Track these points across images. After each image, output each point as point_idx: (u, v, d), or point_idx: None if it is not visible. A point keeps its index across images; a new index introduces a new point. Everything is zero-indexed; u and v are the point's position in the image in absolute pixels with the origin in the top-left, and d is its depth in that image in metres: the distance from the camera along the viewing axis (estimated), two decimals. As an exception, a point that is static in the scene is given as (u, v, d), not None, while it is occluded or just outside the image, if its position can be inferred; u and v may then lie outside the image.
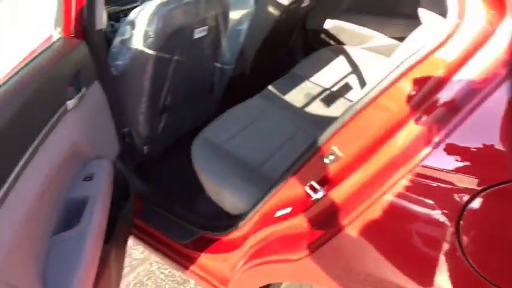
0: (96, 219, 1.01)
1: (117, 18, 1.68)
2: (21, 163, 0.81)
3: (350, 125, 0.86)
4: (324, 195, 0.89)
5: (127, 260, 1.82)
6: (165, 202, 1.57)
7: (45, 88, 0.95)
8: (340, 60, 2.06)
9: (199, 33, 1.52)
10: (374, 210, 0.76)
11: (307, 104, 1.77)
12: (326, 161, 0.91)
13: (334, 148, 0.90)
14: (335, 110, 1.74)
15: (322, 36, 2.51)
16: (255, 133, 1.56)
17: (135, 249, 1.88)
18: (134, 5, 2.06)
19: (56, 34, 1.15)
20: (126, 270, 1.78)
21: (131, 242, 1.86)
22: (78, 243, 0.95)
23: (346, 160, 0.88)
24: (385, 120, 0.79)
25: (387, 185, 0.73)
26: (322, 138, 0.93)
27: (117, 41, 1.35)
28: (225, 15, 1.61)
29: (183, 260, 1.45)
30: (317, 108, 1.76)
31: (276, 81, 1.89)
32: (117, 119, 1.45)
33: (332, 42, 2.51)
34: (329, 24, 2.46)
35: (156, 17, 1.30)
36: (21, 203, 0.80)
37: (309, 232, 0.92)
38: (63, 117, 1.00)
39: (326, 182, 0.92)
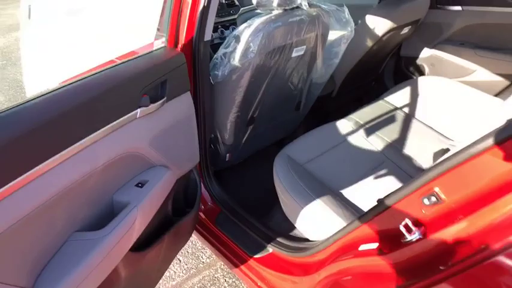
0: (121, 228, 0.96)
1: (214, 28, 1.77)
2: (66, 150, 0.82)
3: (461, 169, 0.80)
4: (420, 239, 0.84)
5: (193, 262, 1.88)
6: (240, 211, 1.60)
7: (120, 90, 0.98)
8: (436, 91, 1.95)
9: (297, 52, 1.54)
10: (481, 271, 0.69)
11: (395, 134, 1.70)
12: (426, 201, 0.85)
13: (437, 189, 0.84)
14: (427, 144, 1.64)
15: (417, 64, 2.40)
16: (339, 157, 1.53)
17: (203, 252, 1.93)
18: (231, 17, 2.17)
19: (159, 43, 1.23)
20: (191, 271, 1.83)
21: (200, 244, 1.93)
22: (87, 248, 0.90)
23: (451, 205, 0.82)
24: (508, 171, 0.71)
25: (502, 244, 0.66)
26: (423, 177, 0.87)
27: (220, 52, 1.41)
28: (324, 37, 1.61)
29: (250, 272, 1.46)
30: (406, 139, 1.67)
31: (364, 106, 1.85)
32: (206, 125, 1.51)
33: (427, 71, 2.39)
34: (426, 53, 2.35)
35: (261, 34, 1.34)
36: (51, 186, 0.81)
37: (397, 276, 0.87)
38: (128, 122, 1.01)
39: (423, 224, 0.86)
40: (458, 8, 2.18)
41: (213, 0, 1.27)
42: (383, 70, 2.55)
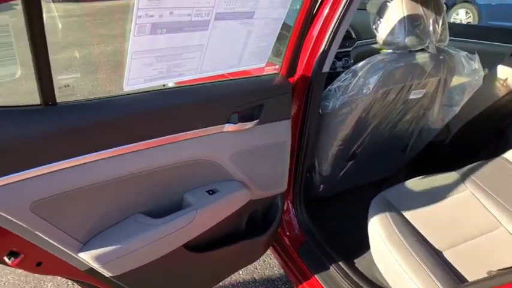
0: (176, 224, 1.05)
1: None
2: (154, 140, 0.93)
3: None
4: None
5: (270, 286, 1.88)
6: (325, 245, 1.56)
7: (214, 104, 1.05)
8: None
9: (415, 94, 1.48)
10: None
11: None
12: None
13: None
14: None
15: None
16: (445, 213, 1.40)
17: (280, 279, 1.92)
18: (345, 49, 2.17)
19: (270, 69, 1.28)
20: (265, 294, 1.83)
21: (280, 271, 1.92)
22: (141, 229, 1.01)
23: None
24: None
25: None
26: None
27: (335, 84, 1.43)
28: (447, 83, 1.53)
29: (325, 310, 1.40)
30: None
31: (482, 162, 1.67)
32: (307, 153, 1.52)
33: None
34: None
35: (380, 72, 1.32)
36: (130, 165, 0.93)
37: None
38: (214, 133, 1.08)
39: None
40: None
41: (338, 34, 1.30)
42: (507, 125, 2.29)
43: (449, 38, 1.45)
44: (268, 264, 2.00)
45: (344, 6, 1.25)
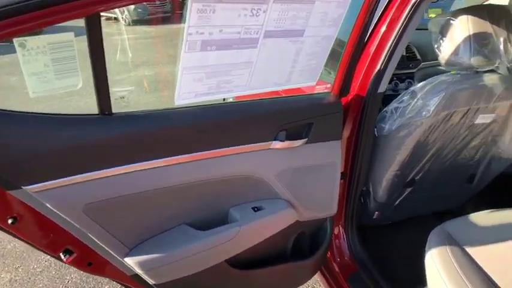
0: (219, 238, 1.05)
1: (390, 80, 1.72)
2: (201, 153, 0.96)
3: None
4: None
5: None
6: (378, 277, 1.46)
7: (260, 120, 1.05)
8: None
9: (482, 119, 1.36)
10: None
11: None
12: None
13: None
14: None
15: None
16: (513, 252, 1.25)
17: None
18: (409, 71, 2.07)
19: (322, 87, 1.25)
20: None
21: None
22: (185, 240, 1.02)
23: None
24: None
25: None
26: None
27: (392, 106, 1.36)
28: (522, 107, 1.38)
29: None
30: None
31: None
32: (361, 177, 1.46)
33: None
34: None
35: (442, 94, 1.24)
36: (179, 175, 0.97)
37: None
38: (260, 149, 1.06)
39: None
40: None
41: (395, 53, 1.25)
42: None
43: None
44: (316, 291, 1.92)
45: (402, 25, 1.20)
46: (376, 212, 1.66)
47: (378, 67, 1.26)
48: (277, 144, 1.09)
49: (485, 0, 2.31)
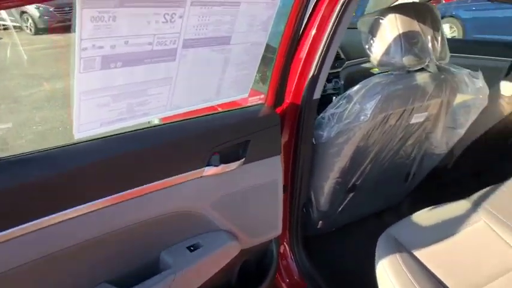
0: None
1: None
2: (111, 196, 0.77)
3: None
4: None
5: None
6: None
7: (186, 144, 0.89)
8: None
9: (416, 118, 1.34)
10: None
11: None
12: None
13: None
14: None
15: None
16: (458, 249, 1.24)
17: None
18: (335, 70, 2.05)
19: (255, 99, 1.13)
20: None
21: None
22: None
23: None
24: None
25: None
26: None
27: (329, 111, 1.29)
28: (450, 104, 1.40)
29: None
30: None
31: (492, 187, 1.52)
32: (302, 189, 1.37)
33: None
34: None
35: (378, 97, 1.18)
36: (89, 228, 0.77)
37: None
38: (190, 179, 0.91)
39: None
40: None
41: (328, 56, 1.17)
42: (512, 144, 2.16)
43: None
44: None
45: (333, 26, 1.12)
46: (320, 222, 1.58)
47: (312, 72, 1.17)
48: (210, 171, 0.93)
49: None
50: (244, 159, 1.00)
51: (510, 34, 4.59)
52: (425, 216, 1.36)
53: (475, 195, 1.47)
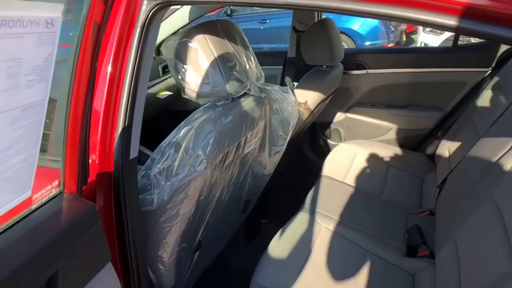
0: None
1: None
2: None
3: None
4: None
5: None
6: None
7: None
8: (365, 155, 1.83)
9: (249, 147, 1.18)
10: None
11: (355, 214, 1.43)
12: None
13: None
14: (385, 215, 1.44)
15: (332, 129, 2.31)
16: (319, 265, 1.18)
17: None
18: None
19: (47, 192, 0.71)
20: None
21: None
22: None
23: None
24: None
25: None
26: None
27: (153, 170, 0.96)
28: (272, 122, 1.31)
29: None
30: (365, 216, 1.43)
31: (312, 190, 1.56)
32: (137, 275, 1.00)
33: (343, 134, 2.30)
34: (340, 116, 2.28)
35: (211, 136, 0.95)
36: None
37: None
38: None
39: None
40: (364, 71, 2.17)
41: (138, 102, 0.84)
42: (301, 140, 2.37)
43: None
44: None
45: (136, 61, 0.80)
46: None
47: (121, 125, 0.82)
48: None
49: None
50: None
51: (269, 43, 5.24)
52: (279, 249, 1.23)
53: (307, 205, 1.46)
